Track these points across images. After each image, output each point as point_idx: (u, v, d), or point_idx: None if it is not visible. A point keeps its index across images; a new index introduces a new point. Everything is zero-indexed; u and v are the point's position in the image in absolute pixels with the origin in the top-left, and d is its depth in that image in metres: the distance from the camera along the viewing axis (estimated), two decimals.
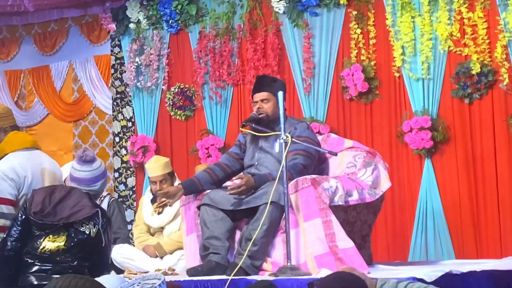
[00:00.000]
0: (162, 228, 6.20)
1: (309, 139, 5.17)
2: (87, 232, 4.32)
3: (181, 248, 5.78)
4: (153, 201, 6.17)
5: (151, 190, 6.25)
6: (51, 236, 4.31)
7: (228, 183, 5.42)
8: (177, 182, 6.17)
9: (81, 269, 4.29)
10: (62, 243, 4.29)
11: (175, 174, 6.32)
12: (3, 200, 4.68)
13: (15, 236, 4.35)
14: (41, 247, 4.29)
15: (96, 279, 1.75)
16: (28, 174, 4.79)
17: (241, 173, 5.32)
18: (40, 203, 4.34)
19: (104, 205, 6.33)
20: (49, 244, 4.29)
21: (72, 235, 4.34)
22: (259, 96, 5.29)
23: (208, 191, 5.25)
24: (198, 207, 5.27)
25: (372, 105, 7.22)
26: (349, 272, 3.33)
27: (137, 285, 2.88)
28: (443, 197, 6.83)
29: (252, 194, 5.04)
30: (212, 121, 7.98)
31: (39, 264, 4.29)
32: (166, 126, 8.27)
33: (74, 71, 8.91)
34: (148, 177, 6.36)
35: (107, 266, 4.60)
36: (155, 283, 2.90)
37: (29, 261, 4.29)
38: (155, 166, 6.14)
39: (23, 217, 4.37)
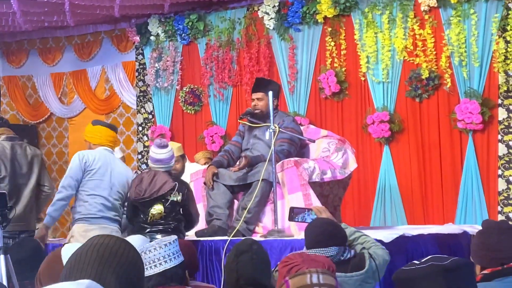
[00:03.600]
0: None
1: (293, 130, 5.19)
2: (175, 199, 4.70)
3: None
4: None
5: None
6: (153, 207, 4.70)
7: None
8: (187, 163, 6.17)
9: (177, 227, 4.71)
10: (162, 210, 4.68)
11: (186, 156, 6.31)
12: None
13: (128, 213, 4.91)
14: (149, 216, 4.69)
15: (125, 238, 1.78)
16: None
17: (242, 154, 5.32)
18: (133, 192, 4.77)
19: None
20: (153, 212, 4.69)
21: (166, 204, 4.69)
22: (255, 95, 5.31)
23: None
24: (205, 182, 5.29)
25: (343, 102, 7.21)
26: (331, 218, 3.31)
27: (156, 244, 2.90)
28: (398, 176, 6.84)
29: (248, 173, 5.06)
30: (216, 114, 7.96)
31: (150, 227, 4.68)
32: (179, 118, 8.25)
33: (106, 74, 8.87)
34: None
35: (195, 221, 4.90)
36: (170, 239, 2.92)
37: (144, 225, 4.70)
38: None
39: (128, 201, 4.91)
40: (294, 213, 3.34)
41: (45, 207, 5.43)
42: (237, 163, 5.29)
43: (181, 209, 4.76)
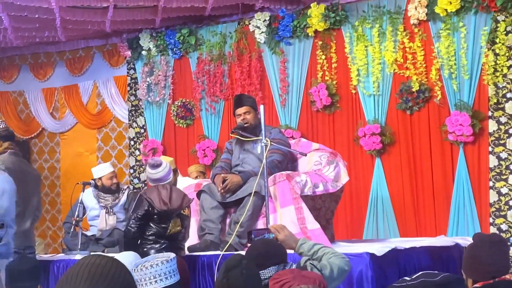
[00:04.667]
0: None
1: (281, 141, 5.22)
2: (187, 214, 4.81)
3: None
4: None
5: None
6: (173, 222, 4.69)
7: None
8: (179, 177, 6.17)
9: (184, 239, 4.84)
10: (180, 225, 4.73)
11: (178, 170, 6.30)
12: None
13: (137, 226, 4.66)
14: (168, 230, 4.67)
15: (115, 255, 1.74)
16: None
17: (227, 175, 5.27)
18: (159, 202, 4.63)
19: (124, 196, 6.23)
20: (173, 227, 4.69)
21: (181, 218, 4.76)
22: (242, 110, 5.32)
23: (209, 182, 5.31)
24: (198, 195, 5.29)
25: (334, 115, 7.23)
26: (271, 239, 3.27)
27: (151, 259, 2.88)
28: (390, 188, 6.85)
29: (240, 188, 5.06)
30: (207, 128, 7.96)
31: (167, 242, 4.65)
32: (171, 132, 8.24)
33: (98, 89, 8.86)
34: None
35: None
36: (170, 256, 2.91)
37: (160, 240, 4.66)
38: None
39: (143, 213, 4.67)
40: (254, 236, 3.28)
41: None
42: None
43: (187, 223, 4.87)
